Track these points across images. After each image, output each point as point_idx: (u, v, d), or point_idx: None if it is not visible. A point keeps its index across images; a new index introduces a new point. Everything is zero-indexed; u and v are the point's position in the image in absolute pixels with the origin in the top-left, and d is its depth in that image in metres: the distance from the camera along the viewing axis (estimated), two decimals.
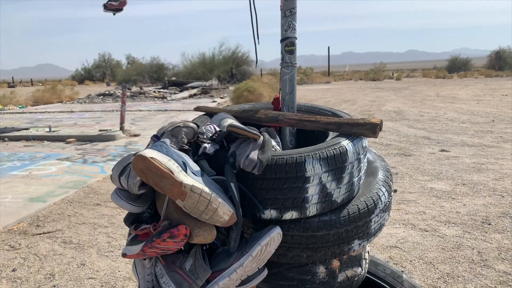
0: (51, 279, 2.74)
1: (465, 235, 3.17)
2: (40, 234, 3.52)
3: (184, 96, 18.82)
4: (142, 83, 30.63)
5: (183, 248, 1.29)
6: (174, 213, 1.25)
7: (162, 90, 21.98)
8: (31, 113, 13.88)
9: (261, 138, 1.30)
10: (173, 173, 1.14)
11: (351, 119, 1.49)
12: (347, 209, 1.36)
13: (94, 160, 6.34)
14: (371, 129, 1.40)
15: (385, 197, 1.47)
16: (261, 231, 1.29)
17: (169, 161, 1.17)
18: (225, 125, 1.52)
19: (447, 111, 10.80)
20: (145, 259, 1.39)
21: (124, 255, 1.30)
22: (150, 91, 21.05)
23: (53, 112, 14.00)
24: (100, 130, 8.86)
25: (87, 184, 4.95)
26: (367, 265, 1.62)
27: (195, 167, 1.24)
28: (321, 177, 1.28)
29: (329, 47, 41.58)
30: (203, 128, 1.47)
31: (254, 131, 1.32)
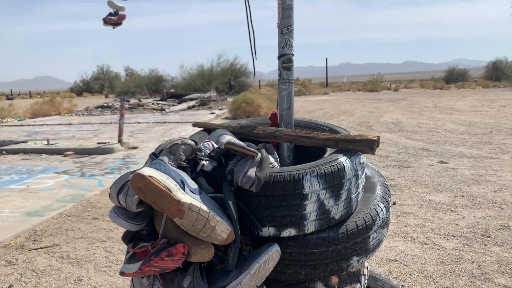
0: None
1: (464, 248, 3.16)
2: (37, 249, 3.49)
3: (182, 108, 18.86)
4: (140, 95, 30.70)
5: (181, 266, 1.29)
6: (172, 231, 1.25)
7: (160, 102, 22.03)
8: (29, 125, 13.88)
9: (259, 155, 1.30)
10: (171, 191, 1.14)
11: (349, 136, 1.50)
12: (346, 226, 1.36)
13: (92, 173, 6.33)
14: (369, 145, 1.41)
15: (383, 213, 1.47)
16: (259, 249, 1.28)
17: (167, 179, 1.17)
18: (223, 142, 1.52)
19: (445, 122, 10.84)
20: (143, 277, 1.38)
21: (122, 274, 1.29)
22: (148, 103, 21.10)
23: (51, 124, 14.00)
24: (98, 142, 8.86)
25: (84, 197, 4.94)
26: (366, 281, 1.61)
27: (193, 185, 1.25)
28: (319, 194, 1.28)
29: (327, 58, 41.85)
30: (201, 145, 1.47)
31: (251, 149, 1.32)
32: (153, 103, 20.94)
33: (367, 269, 1.64)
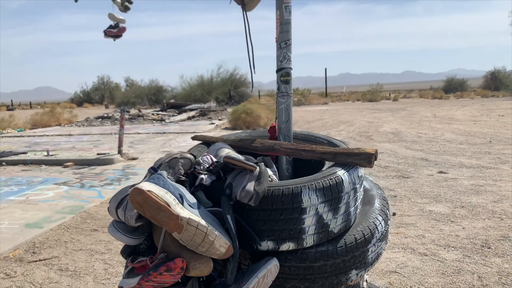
0: None
1: (465, 259, 3.15)
2: (36, 261, 3.48)
3: (182, 118, 18.91)
4: (140, 106, 30.80)
5: (180, 280, 1.29)
6: (170, 245, 1.25)
7: (160, 112, 22.10)
8: (29, 136, 13.89)
9: (257, 169, 1.31)
10: (169, 206, 1.15)
11: (347, 149, 1.50)
12: (344, 239, 1.36)
13: (91, 184, 6.32)
14: (366, 159, 1.42)
15: (382, 226, 1.48)
16: (258, 263, 1.29)
17: (166, 194, 1.18)
18: (222, 155, 1.53)
19: (444, 132, 10.86)
20: None
21: None
22: (148, 113, 21.16)
23: (51, 135, 14.01)
24: (98, 153, 8.86)
25: (84, 209, 4.93)
26: None
27: (192, 199, 1.25)
28: (317, 208, 1.28)
29: (326, 68, 42.14)
30: (200, 159, 1.48)
31: (250, 163, 1.33)
32: (153, 114, 21.01)
33: (367, 282, 1.63)
